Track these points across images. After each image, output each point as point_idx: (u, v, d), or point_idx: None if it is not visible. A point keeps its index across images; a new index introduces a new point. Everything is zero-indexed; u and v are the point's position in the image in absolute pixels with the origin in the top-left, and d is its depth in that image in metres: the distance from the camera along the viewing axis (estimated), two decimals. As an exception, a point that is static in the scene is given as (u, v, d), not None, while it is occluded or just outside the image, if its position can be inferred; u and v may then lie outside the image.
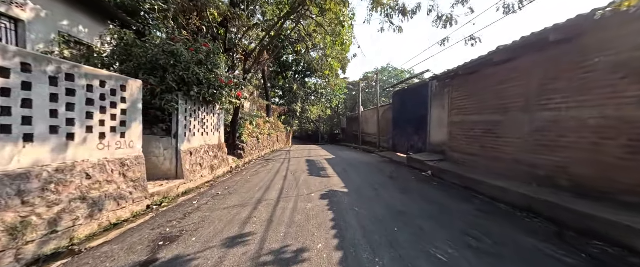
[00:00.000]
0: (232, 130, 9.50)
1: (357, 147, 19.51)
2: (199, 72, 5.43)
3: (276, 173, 7.63)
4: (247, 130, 10.66)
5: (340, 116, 36.31)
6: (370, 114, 19.64)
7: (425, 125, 10.65)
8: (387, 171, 8.45)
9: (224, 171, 7.66)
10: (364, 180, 6.78)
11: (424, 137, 10.88)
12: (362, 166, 9.41)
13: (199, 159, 6.31)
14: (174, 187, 5.10)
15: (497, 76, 6.26)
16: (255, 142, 11.51)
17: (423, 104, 10.88)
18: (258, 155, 11.91)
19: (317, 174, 7.52)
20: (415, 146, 11.75)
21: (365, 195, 5.22)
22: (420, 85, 11.32)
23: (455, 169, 7.10)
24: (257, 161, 10.57)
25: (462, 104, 7.75)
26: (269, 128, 14.87)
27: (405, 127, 12.91)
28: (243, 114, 11.54)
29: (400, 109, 13.55)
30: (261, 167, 8.72)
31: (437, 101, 9.81)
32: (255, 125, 11.80)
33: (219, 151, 7.62)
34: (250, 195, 5.12)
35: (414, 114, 11.87)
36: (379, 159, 12.13)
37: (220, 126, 7.88)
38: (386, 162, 10.73)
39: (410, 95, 12.39)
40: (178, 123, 5.48)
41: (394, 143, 14.48)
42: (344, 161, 10.82)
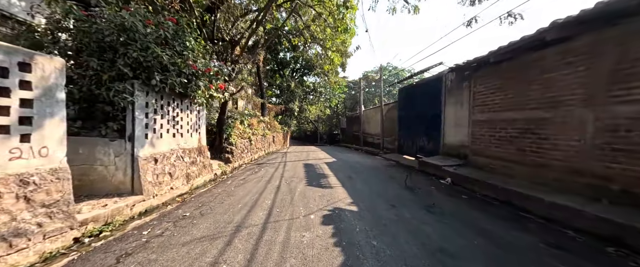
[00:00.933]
0: (219, 131, 8.14)
1: (359, 148, 18.19)
2: (161, 54, 4.07)
3: (268, 182, 6.28)
4: (237, 131, 9.31)
5: (339, 116, 35.00)
6: (372, 113, 18.33)
7: (438, 125, 9.34)
8: (399, 178, 7.12)
9: (206, 179, 6.30)
10: (375, 192, 5.44)
11: (436, 138, 9.57)
12: (368, 172, 8.08)
13: (168, 168, 4.95)
14: (125, 208, 3.73)
15: (545, 62, 4.95)
16: (247, 144, 10.15)
17: (435, 101, 9.58)
18: (250, 159, 10.56)
19: (317, 184, 6.18)
20: (426, 148, 10.43)
21: (383, 217, 3.88)
22: (432, 80, 10.02)
23: (484, 177, 5.78)
24: (249, 165, 9.21)
25: (491, 99, 6.44)
26: (263, 128, 13.52)
27: (413, 127, 11.60)
28: (233, 113, 10.18)
29: (408, 107, 12.24)
30: (252, 174, 7.36)
31: (454, 97, 8.50)
32: (247, 126, 10.45)
33: (200, 155, 6.26)
34: (228, 218, 3.77)
35: (423, 113, 10.57)
36: (384, 162, 10.80)
37: (201, 126, 6.52)
38: (394, 167, 9.40)
39: (419, 92, 11.08)
40: (135, 122, 4.12)
41: (399, 145, 13.17)
42: (346, 165, 9.48)
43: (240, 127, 9.50)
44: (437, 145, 9.50)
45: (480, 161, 6.76)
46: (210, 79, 5.39)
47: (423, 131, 10.71)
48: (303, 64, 23.81)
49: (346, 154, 14.66)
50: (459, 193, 5.49)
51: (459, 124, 8.13)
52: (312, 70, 22.03)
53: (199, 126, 6.36)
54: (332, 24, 10.26)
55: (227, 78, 5.97)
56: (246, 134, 10.06)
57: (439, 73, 9.54)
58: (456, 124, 8.32)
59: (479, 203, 4.74)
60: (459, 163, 7.48)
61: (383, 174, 7.70)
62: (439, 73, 9.54)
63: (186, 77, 4.63)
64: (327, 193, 5.26)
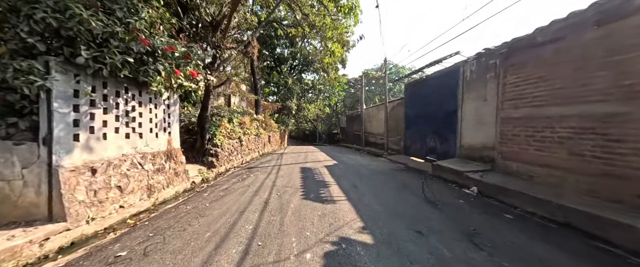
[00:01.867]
0: (200, 130, 6.85)
1: (360, 149, 16.94)
2: (89, 19, 2.78)
3: (255, 194, 5.00)
4: (224, 130, 8.02)
5: (339, 115, 33.76)
6: (374, 111, 17.07)
7: (453, 123, 8.10)
8: (413, 186, 5.86)
9: (178, 190, 5.02)
10: (390, 208, 4.17)
11: (450, 138, 8.33)
12: (375, 178, 6.82)
13: (117, 179, 3.67)
14: (26, 246, 2.45)
15: (618, 39, 3.69)
16: (237, 145, 8.87)
17: (450, 97, 8.33)
18: (241, 161, 9.27)
19: (316, 196, 4.91)
20: (437, 150, 9.20)
21: (411, 256, 2.61)
22: (446, 72, 8.76)
23: (524, 188, 4.53)
24: (237, 170, 7.92)
25: (529, 91, 5.18)
26: (257, 127, 12.23)
27: (422, 127, 10.35)
28: (220, 110, 8.88)
29: (416, 104, 10.99)
30: (238, 183, 6.08)
31: (475, 91, 7.24)
32: (237, 124, 9.16)
33: (169, 160, 4.97)
34: (181, 262, 2.49)
35: (435, 110, 9.33)
36: (391, 165, 9.55)
37: (173, 124, 5.23)
38: (403, 171, 8.14)
39: (429, 87, 9.82)
40: (53, 117, 2.83)
41: (406, 145, 11.92)
42: (349, 169, 8.21)
43: (228, 125, 8.22)
44: (452, 146, 8.26)
45: (514, 167, 5.51)
46: (176, 63, 4.10)
47: (434, 131, 9.47)
48: (301, 60, 22.53)
49: (347, 155, 13.40)
50: (497, 209, 4.24)
51: (482, 122, 6.89)
52: (311, 66, 20.74)
53: (169, 124, 5.07)
54: (332, 12, 9.00)
55: (202, 63, 4.67)
56: (236, 133, 8.77)
57: (455, 64, 8.28)
58: (478, 123, 7.07)
59: (533, 228, 3.48)
60: (484, 168, 6.23)
61: (393, 181, 6.44)
62: (455, 64, 8.28)
63: (136, 56, 3.33)
64: (329, 211, 3.99)
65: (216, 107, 8.96)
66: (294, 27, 12.24)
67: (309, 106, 25.36)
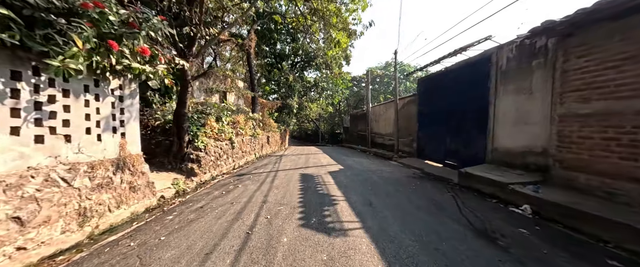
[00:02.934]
0: (177, 130, 5.52)
1: (366, 150, 15.56)
2: None
3: (237, 217, 3.66)
4: (210, 130, 6.68)
5: (342, 115, 32.43)
6: (382, 110, 15.66)
7: (483, 122, 6.70)
8: (445, 203, 4.49)
9: (135, 211, 3.70)
10: (430, 248, 2.80)
11: (479, 140, 6.93)
12: (392, 190, 5.44)
13: (13, 207, 2.34)
14: None
15: None
16: (228, 147, 7.53)
17: (478, 90, 6.93)
18: (233, 166, 7.94)
19: (319, 221, 3.56)
20: (461, 153, 7.80)
21: None
22: (473, 62, 7.36)
23: (615, 213, 3.13)
24: (226, 177, 6.59)
25: (608, 77, 3.78)
26: (253, 127, 10.90)
27: (439, 126, 8.96)
28: (206, 107, 7.52)
29: (431, 100, 9.59)
30: (219, 197, 4.74)
31: (513, 83, 5.84)
32: (228, 123, 7.82)
33: (122, 171, 3.64)
34: None
35: (457, 107, 7.93)
36: (406, 171, 8.16)
37: (129, 122, 3.89)
38: (423, 179, 6.76)
39: (450, 80, 8.42)
40: None
41: (419, 147, 10.53)
42: (358, 177, 6.85)
43: (215, 125, 6.88)
44: (479, 149, 6.86)
45: (581, 180, 4.11)
46: (115, 33, 2.76)
47: (455, 131, 8.07)
48: (303, 56, 21.16)
49: (353, 157, 12.02)
50: (589, 250, 2.85)
51: (525, 121, 5.49)
52: (313, 60, 19.37)
53: (121, 123, 3.73)
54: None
55: (157, 36, 3.32)
56: (225, 134, 7.43)
57: (485, 52, 6.88)
58: (518, 121, 5.67)
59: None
60: (532, 179, 4.83)
61: (416, 195, 5.06)
62: (485, 52, 6.88)
63: (17, 10, 2.00)
64: (340, 252, 2.63)
65: (202, 103, 7.65)
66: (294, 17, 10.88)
67: (311, 105, 24.00)
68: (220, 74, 13.48)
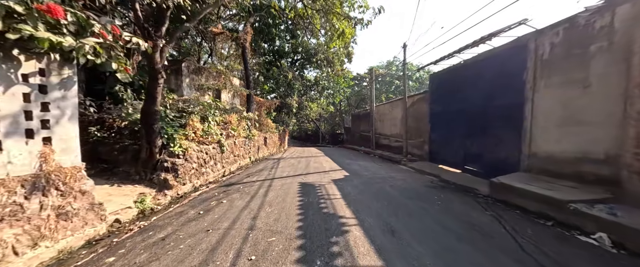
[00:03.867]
0: (146, 133, 4.39)
1: (370, 152, 14.44)
2: None
3: (205, 262, 2.54)
4: (192, 131, 5.56)
5: (343, 115, 31.35)
6: (387, 109, 14.54)
7: (518, 121, 5.59)
8: (491, 229, 3.37)
9: (64, 249, 2.58)
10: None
11: (510, 143, 5.81)
12: (414, 206, 4.33)
13: None
14: None
15: None
16: (216, 151, 6.41)
17: (509, 84, 5.83)
18: (222, 173, 6.82)
19: (327, 264, 2.44)
20: (485, 158, 6.68)
21: None
22: (502, 51, 6.23)
23: None
24: (211, 188, 5.48)
25: None
26: (248, 128, 9.79)
27: (457, 127, 7.85)
28: (189, 103, 6.35)
29: (446, 98, 8.47)
30: (193, 221, 3.63)
31: (561, 74, 4.72)
32: (215, 124, 6.69)
33: (45, 193, 2.51)
34: None
35: (480, 104, 6.81)
36: (421, 178, 7.05)
37: (60, 121, 2.75)
38: (445, 190, 5.64)
39: (471, 74, 7.30)
40: None
41: (432, 150, 9.42)
42: (369, 188, 5.74)
43: (199, 125, 5.77)
44: (512, 154, 5.75)
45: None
46: None
47: (478, 132, 6.95)
48: (303, 54, 20.02)
49: (358, 161, 10.91)
50: None
51: (578, 120, 4.37)
52: (314, 57, 18.25)
53: (46, 123, 2.61)
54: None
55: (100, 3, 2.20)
56: (213, 136, 6.30)
57: (518, 39, 5.76)
58: (568, 120, 4.56)
59: None
60: (599, 196, 3.72)
61: (446, 214, 3.95)
62: (518, 39, 5.76)
63: None
64: None
65: (185, 100, 6.49)
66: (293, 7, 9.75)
67: (312, 105, 22.88)
68: (213, 70, 12.37)
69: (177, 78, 11.09)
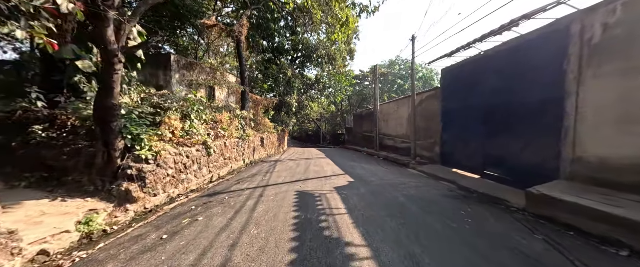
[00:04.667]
0: (101, 131, 3.48)
1: (373, 153, 13.50)
2: None
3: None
4: (168, 131, 4.64)
5: (344, 114, 30.44)
6: (392, 107, 13.60)
7: (557, 119, 4.65)
8: (547, 263, 2.45)
9: None
10: None
11: (549, 145, 4.86)
12: (440, 224, 3.40)
13: None
14: None
15: None
16: (200, 154, 5.49)
17: (546, 75, 4.89)
18: (208, 179, 5.91)
19: None
20: (511, 163, 5.73)
21: None
22: (535, 38, 5.28)
23: None
24: (189, 201, 4.56)
25: None
26: (242, 128, 8.87)
27: (475, 126, 6.90)
28: (166, 98, 5.36)
29: (462, 94, 7.53)
30: (147, 253, 2.71)
31: (619, 60, 3.78)
32: (199, 123, 5.77)
33: None
34: None
35: (506, 100, 5.87)
36: (436, 185, 6.12)
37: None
38: (470, 202, 4.70)
39: (494, 66, 6.35)
40: None
41: (444, 152, 8.47)
42: (379, 199, 4.81)
43: (178, 124, 4.84)
44: (549, 158, 4.80)
45: None
46: None
47: (502, 132, 6.00)
48: (303, 51, 19.09)
49: (361, 163, 9.97)
50: None
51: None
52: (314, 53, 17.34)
53: None
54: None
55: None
56: (195, 137, 5.39)
57: (557, 21, 4.82)
58: (628, 117, 3.63)
59: None
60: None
61: (484, 238, 3.03)
62: (557, 21, 4.82)
63: None
64: None
65: (161, 94, 5.51)
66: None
67: (312, 104, 21.97)
68: (207, 66, 11.47)
69: (165, 73, 10.20)
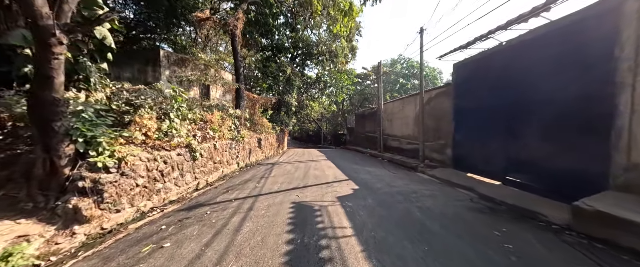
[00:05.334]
0: (40, 133, 2.71)
1: (377, 155, 12.69)
2: None
3: None
4: (139, 133, 3.87)
5: (345, 114, 29.65)
6: (398, 107, 12.78)
7: (605, 118, 3.85)
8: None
9: None
10: None
11: (594, 149, 4.04)
12: (473, 251, 2.60)
13: None
14: None
15: None
16: (182, 159, 4.71)
17: (591, 66, 4.08)
18: (193, 186, 5.13)
19: None
20: (542, 168, 4.91)
21: None
22: (573, 22, 4.46)
23: None
24: (162, 216, 3.79)
25: None
26: (235, 128, 8.08)
27: (495, 126, 6.10)
28: (139, 93, 4.50)
29: (479, 90, 6.72)
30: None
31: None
32: (180, 123, 5.00)
33: None
34: None
35: (534, 97, 5.05)
36: (454, 194, 5.31)
37: None
38: (499, 217, 3.90)
39: (519, 58, 5.54)
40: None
41: (457, 155, 7.65)
42: (391, 213, 4.02)
43: (150, 124, 4.06)
44: (594, 164, 3.98)
45: None
46: None
47: (531, 133, 5.18)
48: (303, 49, 18.28)
49: (366, 167, 9.18)
50: None
51: None
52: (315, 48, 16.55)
53: None
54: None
55: None
56: (177, 139, 4.61)
57: (602, 1, 4.01)
58: None
59: None
60: None
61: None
62: (602, 1, 4.01)
63: None
64: None
65: (134, 89, 4.70)
66: None
67: (313, 104, 21.18)
68: (200, 62, 10.71)
69: (154, 70, 9.42)
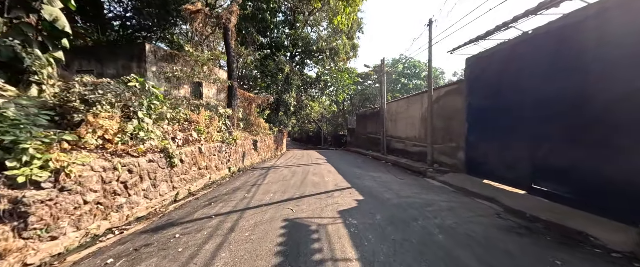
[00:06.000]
0: None
1: (380, 157, 11.91)
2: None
3: None
4: (91, 135, 3.10)
5: (346, 115, 28.89)
6: (402, 106, 11.99)
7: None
8: None
9: None
10: None
11: None
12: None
13: None
14: None
15: None
16: (157, 166, 3.94)
17: None
18: (172, 197, 4.36)
19: None
20: (578, 176, 4.11)
21: None
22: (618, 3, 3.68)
23: None
24: (111, 247, 3.01)
25: None
26: (227, 129, 7.31)
27: (517, 126, 5.31)
28: (97, 88, 3.67)
29: (497, 86, 5.93)
30: None
31: None
32: (156, 123, 4.23)
33: None
34: None
35: (567, 94, 4.24)
36: (476, 207, 4.51)
37: None
38: (536, 238, 3.09)
39: (546, 49, 4.74)
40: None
41: (471, 159, 6.85)
42: (404, 232, 3.23)
43: (109, 124, 3.27)
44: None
45: None
46: None
47: (564, 135, 4.39)
48: (303, 47, 17.51)
49: (370, 171, 8.39)
50: None
51: None
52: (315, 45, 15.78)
53: None
54: None
55: None
56: (148, 143, 3.84)
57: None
58: None
59: None
60: None
61: None
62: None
63: None
64: None
65: (94, 83, 3.88)
66: None
67: (313, 104, 20.42)
68: (191, 58, 9.94)
69: (139, 66, 8.62)
